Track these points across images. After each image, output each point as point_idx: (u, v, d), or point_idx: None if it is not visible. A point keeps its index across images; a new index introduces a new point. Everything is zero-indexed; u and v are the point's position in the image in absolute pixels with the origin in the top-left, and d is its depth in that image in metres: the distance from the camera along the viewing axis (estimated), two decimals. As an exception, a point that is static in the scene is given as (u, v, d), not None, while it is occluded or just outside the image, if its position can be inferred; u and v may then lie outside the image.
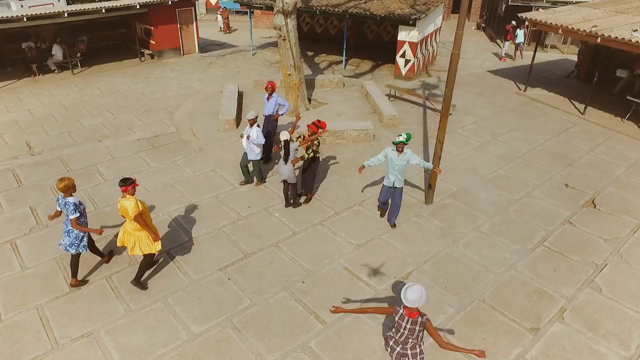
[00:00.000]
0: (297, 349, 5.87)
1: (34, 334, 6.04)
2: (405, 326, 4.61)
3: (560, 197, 9.44)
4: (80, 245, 6.58)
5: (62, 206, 6.42)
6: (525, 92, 15.57)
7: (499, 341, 6.09)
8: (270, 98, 9.95)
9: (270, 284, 6.90)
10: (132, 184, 6.15)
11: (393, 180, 7.88)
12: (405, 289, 4.51)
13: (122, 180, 6.16)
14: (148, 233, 6.37)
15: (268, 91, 9.95)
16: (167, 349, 5.85)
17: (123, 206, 6.13)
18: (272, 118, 10.00)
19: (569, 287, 7.05)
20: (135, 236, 6.36)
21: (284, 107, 10.11)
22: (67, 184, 6.28)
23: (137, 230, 6.33)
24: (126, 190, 6.11)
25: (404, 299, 4.47)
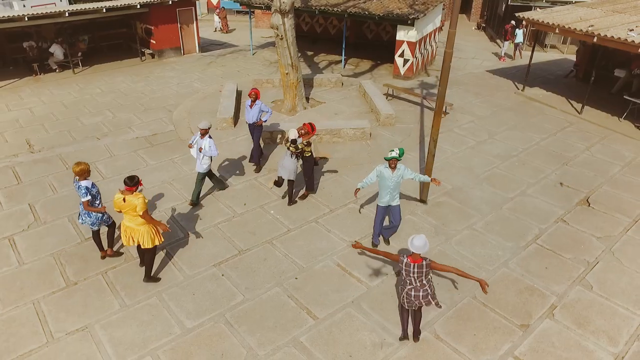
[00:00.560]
0: (289, 344, 5.96)
1: (30, 328, 6.14)
2: (413, 271, 5.38)
3: (554, 195, 9.49)
4: (102, 219, 7.03)
5: (76, 188, 6.81)
6: (523, 92, 15.61)
7: (489, 337, 6.15)
8: (254, 105, 9.70)
9: (264, 280, 6.98)
10: (137, 184, 6.22)
11: (387, 199, 7.29)
12: (412, 238, 5.31)
13: (129, 178, 6.21)
14: (154, 225, 6.49)
15: (251, 98, 9.68)
16: (160, 343, 5.94)
17: (131, 203, 6.18)
18: (257, 124, 9.84)
19: (560, 285, 7.10)
20: (139, 231, 6.42)
21: (267, 114, 9.89)
22: (82, 168, 6.65)
23: (140, 225, 6.39)
24: (131, 190, 6.19)
25: (411, 246, 5.27)
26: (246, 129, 11.76)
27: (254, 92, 9.70)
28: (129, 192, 6.23)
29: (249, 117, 9.80)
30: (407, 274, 5.45)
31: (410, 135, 12.05)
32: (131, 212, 6.29)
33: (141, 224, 6.38)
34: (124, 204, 6.26)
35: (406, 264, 5.41)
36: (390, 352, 5.87)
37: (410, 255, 5.39)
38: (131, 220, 6.39)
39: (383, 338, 6.06)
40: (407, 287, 5.54)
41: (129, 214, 6.36)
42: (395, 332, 6.15)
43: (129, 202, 6.23)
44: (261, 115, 9.83)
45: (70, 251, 7.54)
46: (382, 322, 6.31)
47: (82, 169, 6.65)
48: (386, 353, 5.87)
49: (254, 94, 9.67)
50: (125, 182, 6.21)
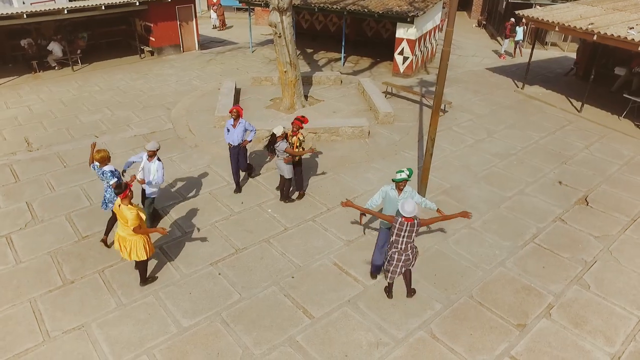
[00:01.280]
0: (284, 343, 5.96)
1: (26, 326, 6.14)
2: (406, 229, 5.89)
3: (553, 194, 9.47)
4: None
5: (100, 175, 7.20)
6: (522, 90, 15.56)
7: (485, 337, 6.15)
8: (237, 124, 8.58)
9: (260, 279, 6.98)
10: (127, 189, 6.12)
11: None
12: (403, 204, 5.82)
13: (117, 186, 6.12)
14: (145, 239, 6.42)
15: (233, 116, 8.55)
16: (157, 342, 5.94)
17: (123, 215, 6.14)
18: (242, 145, 8.75)
19: (557, 284, 7.09)
20: (131, 241, 6.35)
21: (251, 133, 8.86)
22: (103, 155, 7.03)
23: (132, 236, 6.32)
24: (125, 197, 6.11)
25: (403, 211, 5.79)
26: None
27: (236, 109, 8.58)
28: (124, 199, 6.14)
29: (232, 138, 8.59)
30: (398, 234, 5.95)
31: (409, 133, 12.03)
32: (123, 221, 6.23)
33: (131, 234, 6.30)
34: (119, 210, 6.21)
35: (400, 222, 5.88)
36: (386, 352, 5.87)
37: (404, 216, 5.88)
38: (123, 229, 6.31)
39: (379, 338, 6.06)
40: (391, 251, 6.08)
41: (121, 223, 6.29)
42: (391, 332, 6.15)
43: (121, 213, 6.16)
44: (246, 135, 8.79)
45: (67, 249, 7.54)
46: (378, 321, 6.30)
47: (103, 156, 7.02)
48: (382, 353, 5.86)
49: (235, 112, 8.55)
50: (115, 193, 6.13)
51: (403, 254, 6.11)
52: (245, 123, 8.72)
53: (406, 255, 6.13)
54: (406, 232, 5.96)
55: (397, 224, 5.93)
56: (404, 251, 6.09)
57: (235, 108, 8.62)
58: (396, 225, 5.95)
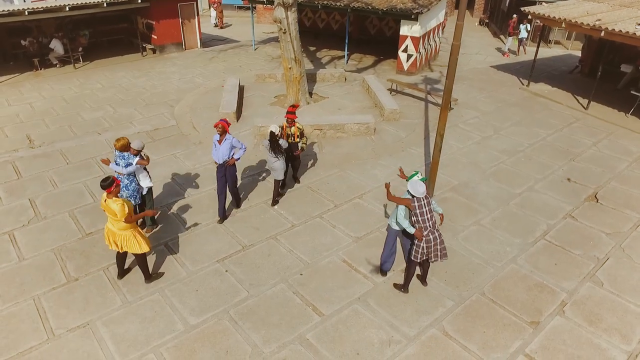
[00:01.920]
0: (294, 341, 5.83)
1: (30, 324, 6.02)
2: (426, 202, 5.99)
3: (562, 191, 9.35)
4: (137, 197, 7.43)
5: (120, 158, 7.22)
6: (528, 87, 15.44)
7: (499, 334, 6.02)
8: (223, 140, 7.61)
9: (268, 276, 6.85)
10: (113, 184, 5.97)
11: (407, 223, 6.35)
12: (415, 186, 5.93)
13: (103, 180, 5.97)
14: (134, 233, 6.28)
15: (218, 131, 7.60)
16: (163, 340, 5.82)
17: (110, 208, 6.00)
18: (227, 164, 7.73)
19: (570, 281, 6.97)
20: (122, 236, 6.22)
21: (240, 150, 7.81)
22: (123, 143, 7.15)
23: (122, 230, 6.18)
24: (110, 192, 5.97)
25: (417, 192, 5.92)
26: (250, 124, 11.67)
27: (221, 124, 7.58)
28: (109, 194, 5.99)
29: (218, 156, 7.69)
30: (420, 214, 5.97)
31: (415, 130, 11.90)
32: (111, 215, 6.08)
33: (123, 228, 6.16)
34: (105, 204, 6.04)
35: (418, 199, 5.96)
36: (399, 350, 5.75)
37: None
38: (113, 223, 6.16)
39: (391, 335, 5.94)
40: (430, 238, 6.02)
41: (109, 217, 6.13)
42: (403, 330, 6.02)
43: (107, 206, 6.01)
44: (233, 153, 7.78)
45: (71, 246, 7.41)
46: (389, 319, 6.18)
47: (123, 143, 7.12)
48: (394, 351, 5.74)
49: (221, 127, 7.57)
50: (101, 186, 5.95)
51: (435, 232, 6.08)
52: (232, 139, 7.69)
53: (437, 232, 6.11)
54: (425, 207, 6.01)
55: (417, 203, 5.97)
56: (432, 225, 6.06)
57: (221, 122, 7.59)
58: (416, 206, 5.97)
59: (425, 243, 6.08)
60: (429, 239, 6.06)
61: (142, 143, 7.36)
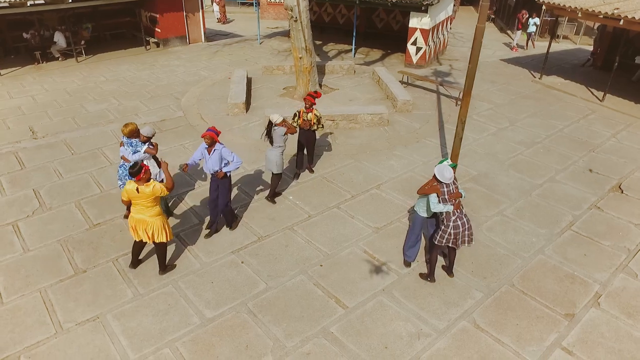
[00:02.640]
0: (318, 335, 5.50)
1: (36, 317, 5.68)
2: (454, 188, 5.86)
3: (584, 182, 9.04)
4: None
5: (127, 145, 6.96)
6: (540, 80, 15.14)
7: (533, 327, 5.70)
8: (212, 151, 6.67)
9: (287, 268, 6.52)
10: (142, 170, 5.64)
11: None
12: (442, 171, 5.78)
13: (131, 167, 5.64)
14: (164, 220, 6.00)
15: (207, 142, 6.62)
16: (179, 334, 5.48)
17: (144, 194, 5.66)
18: (218, 176, 6.76)
19: (602, 272, 6.65)
20: (154, 224, 5.87)
21: (233, 164, 6.75)
22: (131, 128, 6.85)
23: (155, 216, 5.85)
24: (140, 179, 5.64)
25: (444, 178, 5.75)
26: (259, 115, 11.35)
27: (210, 135, 6.59)
28: (139, 181, 5.67)
29: (207, 166, 6.82)
30: (449, 195, 5.80)
31: (429, 121, 11.58)
32: (144, 203, 5.75)
33: (154, 215, 5.85)
34: (137, 194, 5.68)
35: (446, 184, 5.80)
36: (429, 343, 5.42)
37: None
38: (143, 211, 5.81)
39: (420, 328, 5.61)
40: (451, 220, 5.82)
41: (140, 205, 5.78)
42: (432, 322, 5.70)
43: (142, 193, 5.66)
44: (224, 165, 6.78)
45: (78, 238, 7.07)
46: (416, 311, 5.85)
47: (131, 129, 6.85)
48: (424, 344, 5.41)
49: (209, 138, 6.58)
50: (130, 173, 5.64)
51: (463, 217, 5.91)
52: (222, 150, 6.68)
53: (466, 219, 5.95)
54: (455, 191, 5.88)
55: (446, 188, 5.81)
56: (461, 214, 5.90)
57: (208, 133, 6.59)
58: (445, 191, 5.80)
59: (453, 229, 5.85)
60: (457, 224, 5.85)
61: (152, 130, 7.03)
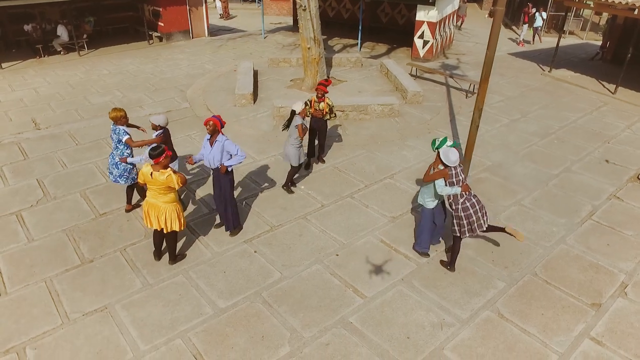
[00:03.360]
0: (337, 325, 5.26)
1: (42, 308, 5.44)
2: (459, 172, 5.61)
3: (601, 172, 8.82)
4: (129, 178, 6.81)
5: (112, 132, 6.57)
6: (550, 73, 14.92)
7: (559, 317, 5.47)
8: (214, 142, 6.08)
9: (302, 257, 6.28)
10: (163, 153, 5.38)
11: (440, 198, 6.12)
12: (447, 154, 5.51)
13: (153, 149, 5.37)
14: (179, 207, 5.77)
15: (209, 130, 6.01)
16: (191, 324, 5.25)
17: (157, 180, 5.41)
18: (220, 171, 6.20)
19: (627, 262, 6.43)
20: (167, 210, 5.63)
21: (236, 158, 6.10)
22: (115, 114, 6.46)
23: (168, 203, 5.62)
24: (158, 162, 5.39)
25: (449, 161, 5.50)
26: (268, 106, 11.13)
27: (213, 121, 5.99)
28: (157, 166, 5.43)
29: (209, 160, 6.18)
30: (457, 180, 5.59)
31: (440, 113, 11.36)
32: (157, 189, 5.53)
33: (168, 201, 5.61)
34: (150, 179, 5.46)
35: (454, 168, 5.57)
36: (453, 333, 5.19)
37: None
38: (156, 197, 5.58)
39: (442, 318, 5.38)
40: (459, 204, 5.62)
41: (154, 191, 5.57)
42: (455, 312, 5.47)
43: (155, 179, 5.43)
44: (229, 159, 6.15)
45: (83, 227, 6.84)
46: (438, 300, 5.62)
47: (115, 115, 6.46)
48: (447, 334, 5.18)
49: (212, 124, 5.98)
50: (150, 155, 5.36)
51: (472, 197, 5.70)
52: (225, 142, 6.06)
53: (476, 199, 5.74)
54: (461, 175, 5.64)
55: (454, 172, 5.57)
56: (469, 195, 5.70)
57: (212, 119, 6.00)
58: (453, 176, 5.56)
59: (463, 212, 5.63)
60: (466, 206, 5.62)
61: (165, 119, 6.69)
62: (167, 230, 5.71)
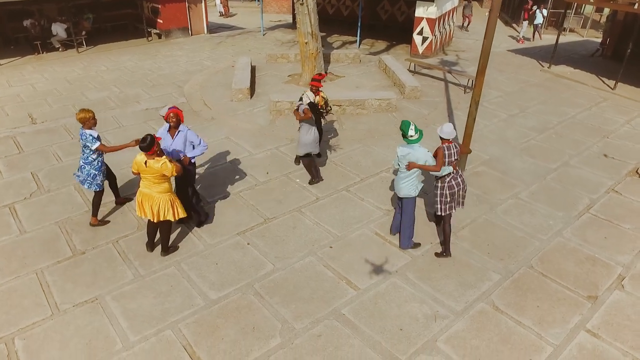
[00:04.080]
0: (329, 316, 5.21)
1: (32, 299, 5.40)
2: (454, 152, 5.81)
3: (600, 166, 8.75)
4: (93, 183, 6.41)
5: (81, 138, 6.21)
6: (549, 69, 14.84)
7: (555, 309, 5.40)
8: (176, 134, 6.05)
9: (295, 249, 6.23)
10: (154, 143, 5.33)
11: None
12: (441, 127, 5.82)
13: (142, 140, 5.27)
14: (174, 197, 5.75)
15: (171, 122, 5.98)
16: (182, 316, 5.20)
17: (152, 168, 5.38)
18: (182, 162, 6.04)
19: (624, 255, 6.36)
20: (161, 200, 5.61)
21: (200, 148, 6.16)
22: (82, 116, 6.12)
23: (162, 193, 5.59)
24: (152, 152, 5.35)
25: (443, 133, 5.75)
26: (265, 101, 11.07)
27: (174, 112, 5.98)
28: (150, 155, 5.39)
29: (169, 151, 6.06)
30: (449, 157, 5.78)
31: (437, 108, 11.30)
32: (152, 178, 5.49)
33: (162, 191, 5.59)
34: (145, 168, 5.42)
35: (447, 147, 5.78)
36: (446, 325, 5.13)
37: (445, 141, 5.82)
38: (150, 187, 5.55)
39: (436, 310, 5.32)
40: (447, 180, 5.85)
41: (148, 180, 5.53)
42: (449, 304, 5.40)
43: (150, 167, 5.39)
44: (190, 150, 6.17)
45: (76, 220, 6.79)
46: (432, 293, 5.56)
47: (83, 117, 6.11)
48: (441, 326, 5.12)
49: (174, 116, 5.96)
50: (141, 148, 5.30)
51: (458, 177, 5.93)
52: (188, 132, 6.08)
53: (462, 179, 5.97)
54: (454, 156, 5.83)
55: (447, 151, 5.76)
56: (457, 174, 5.92)
57: (173, 111, 5.97)
58: (445, 153, 5.75)
59: (448, 189, 5.87)
60: (452, 184, 5.87)
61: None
62: (159, 219, 5.68)
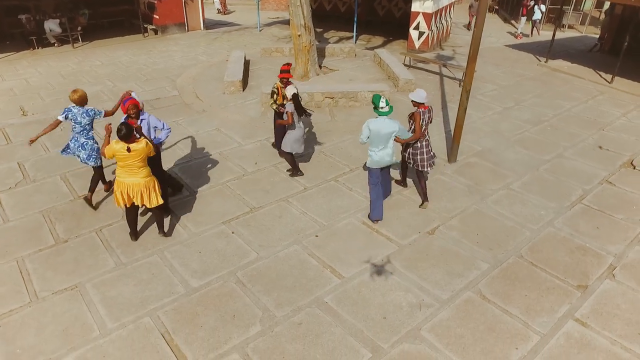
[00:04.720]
0: (311, 304, 5.11)
1: (11, 286, 5.32)
2: (427, 117, 6.42)
3: (594, 158, 8.63)
4: (98, 157, 6.50)
5: (80, 116, 6.28)
6: (546, 64, 14.72)
7: (543, 298, 5.29)
8: (140, 122, 5.94)
9: (280, 238, 6.14)
10: (132, 130, 5.27)
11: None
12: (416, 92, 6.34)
13: (118, 130, 5.17)
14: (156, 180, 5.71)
15: (132, 113, 5.82)
16: (162, 303, 5.11)
17: (137, 150, 5.29)
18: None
19: (616, 245, 6.24)
20: (147, 186, 5.56)
21: (164, 132, 6.17)
22: (81, 94, 6.23)
23: (146, 177, 5.54)
24: (133, 140, 5.30)
25: (420, 98, 6.30)
26: (257, 93, 10.99)
27: (132, 103, 5.82)
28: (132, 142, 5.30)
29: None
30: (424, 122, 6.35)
31: (432, 101, 11.17)
32: (135, 163, 5.38)
33: (146, 175, 5.53)
34: (128, 154, 5.29)
35: (422, 112, 6.33)
36: (431, 314, 5.02)
37: (421, 105, 6.37)
38: (135, 173, 5.45)
39: (421, 298, 5.21)
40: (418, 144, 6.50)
41: (129, 166, 5.41)
42: (434, 293, 5.30)
43: (135, 151, 5.29)
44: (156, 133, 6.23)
45: (61, 209, 6.71)
46: (418, 281, 5.46)
47: (82, 94, 6.25)
48: (426, 314, 5.01)
49: (133, 107, 5.81)
50: (120, 137, 5.20)
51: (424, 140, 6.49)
52: (150, 118, 6.06)
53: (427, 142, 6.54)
54: (427, 120, 6.44)
55: (421, 115, 6.27)
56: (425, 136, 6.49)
57: (131, 102, 5.81)
58: (421, 117, 6.28)
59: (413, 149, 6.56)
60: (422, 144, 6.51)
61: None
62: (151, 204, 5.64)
